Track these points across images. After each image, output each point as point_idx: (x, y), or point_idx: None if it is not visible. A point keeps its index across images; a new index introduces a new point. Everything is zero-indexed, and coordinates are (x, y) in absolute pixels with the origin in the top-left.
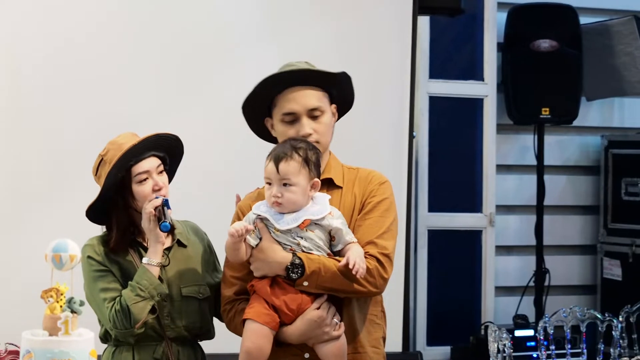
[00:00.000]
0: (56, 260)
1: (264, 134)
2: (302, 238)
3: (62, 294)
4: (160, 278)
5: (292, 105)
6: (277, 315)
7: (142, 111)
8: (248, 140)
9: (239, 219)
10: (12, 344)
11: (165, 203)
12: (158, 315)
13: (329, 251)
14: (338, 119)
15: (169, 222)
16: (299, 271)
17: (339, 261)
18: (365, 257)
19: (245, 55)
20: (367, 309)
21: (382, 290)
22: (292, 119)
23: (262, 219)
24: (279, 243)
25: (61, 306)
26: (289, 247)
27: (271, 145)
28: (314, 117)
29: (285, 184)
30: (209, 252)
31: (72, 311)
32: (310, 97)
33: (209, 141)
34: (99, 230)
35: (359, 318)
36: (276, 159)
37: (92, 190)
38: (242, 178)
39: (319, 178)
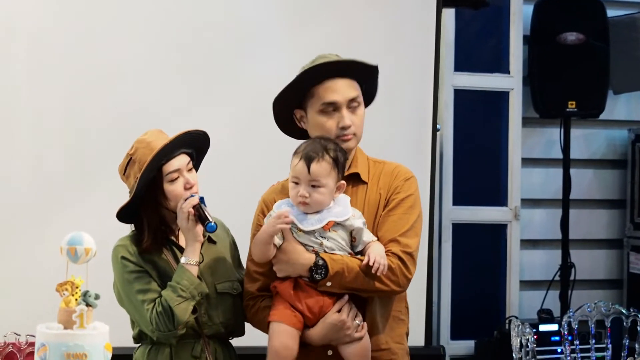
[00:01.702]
0: (71, 253)
1: (288, 127)
2: (324, 238)
3: (77, 287)
4: (198, 277)
5: (334, 96)
6: (302, 316)
7: (163, 108)
8: (271, 135)
9: (263, 213)
10: (33, 336)
11: (202, 201)
12: (197, 314)
13: (350, 251)
14: None
15: (214, 222)
16: (323, 272)
17: (361, 259)
18: (387, 255)
19: (270, 48)
20: (391, 306)
21: (405, 289)
22: (333, 109)
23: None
24: (301, 243)
25: (76, 299)
26: (312, 248)
27: (294, 141)
28: (351, 109)
29: (314, 185)
30: (234, 248)
31: (87, 304)
32: (350, 88)
33: (231, 136)
34: (120, 225)
35: (383, 315)
36: (307, 159)
37: (114, 188)
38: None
39: (343, 178)
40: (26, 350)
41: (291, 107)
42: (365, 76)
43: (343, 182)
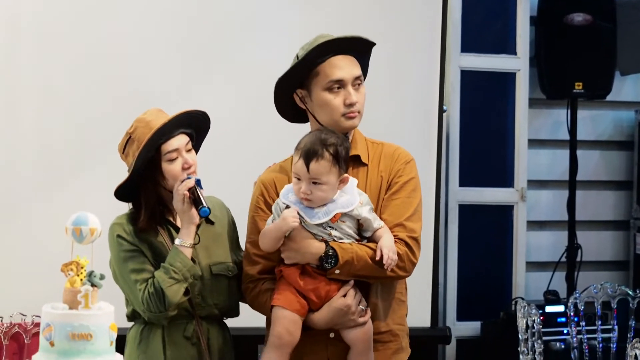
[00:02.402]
0: (76, 233)
1: (285, 108)
2: (333, 228)
3: (82, 268)
4: (192, 259)
5: (341, 73)
6: (306, 302)
7: (166, 87)
8: (272, 116)
9: (262, 195)
10: (39, 316)
11: (198, 183)
12: (190, 295)
13: (358, 237)
14: None
15: (207, 207)
16: (332, 261)
17: (370, 247)
18: (395, 241)
19: (272, 26)
20: (394, 289)
21: (411, 274)
22: (339, 86)
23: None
24: (310, 232)
25: (81, 280)
26: (320, 237)
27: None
28: (356, 86)
29: (315, 183)
30: (233, 229)
31: (92, 285)
32: (355, 66)
33: (232, 118)
34: (120, 204)
35: (386, 298)
36: (306, 157)
37: (115, 166)
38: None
39: (347, 170)
40: (32, 331)
41: (292, 87)
42: (363, 54)
43: (346, 175)
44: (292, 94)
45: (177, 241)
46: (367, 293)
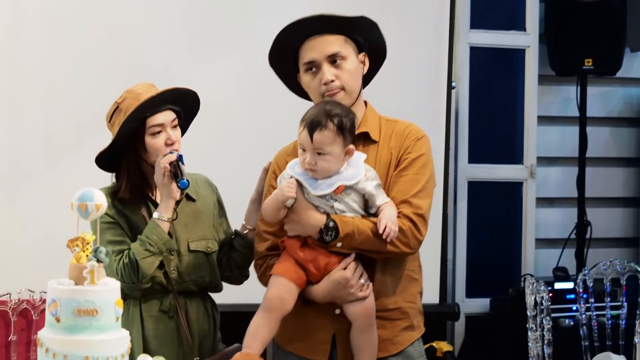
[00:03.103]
0: (82, 209)
1: (294, 87)
2: (336, 201)
3: (88, 244)
4: (169, 233)
5: (311, 54)
6: (305, 274)
7: (164, 62)
8: (271, 94)
9: (275, 174)
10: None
11: (180, 159)
12: (165, 269)
13: (363, 213)
14: (375, 68)
15: (187, 180)
16: (333, 234)
17: (372, 221)
18: (399, 217)
19: (274, 5)
20: (404, 265)
21: (416, 251)
22: (313, 67)
23: (296, 180)
24: (313, 205)
25: (87, 255)
26: (323, 210)
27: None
28: (334, 64)
29: (319, 153)
30: (218, 207)
31: (98, 260)
32: (329, 44)
33: (230, 96)
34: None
35: (395, 275)
36: (310, 127)
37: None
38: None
39: (353, 141)
40: (40, 307)
41: (293, 72)
42: (349, 30)
43: (352, 146)
44: (295, 74)
45: (155, 214)
46: (373, 268)
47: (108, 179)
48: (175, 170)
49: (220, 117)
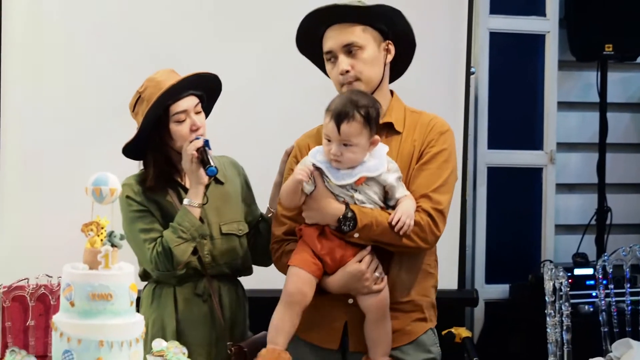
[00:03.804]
0: (96, 193)
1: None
2: (356, 191)
3: (102, 228)
4: (200, 219)
5: (329, 43)
6: (322, 264)
7: (183, 48)
8: (294, 78)
9: (296, 158)
10: None
11: (206, 144)
12: (199, 254)
13: (382, 205)
14: (407, 57)
15: (215, 166)
16: (351, 224)
17: (391, 214)
18: (417, 211)
19: None
20: (421, 259)
21: (433, 246)
22: (332, 57)
23: (318, 168)
24: (333, 194)
25: (101, 240)
26: (342, 199)
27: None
28: (351, 53)
29: (345, 144)
30: (246, 188)
31: (113, 245)
32: (346, 33)
33: (252, 79)
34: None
35: (411, 269)
36: (337, 118)
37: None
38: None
39: (377, 132)
40: (58, 292)
41: (321, 56)
42: (367, 18)
43: (377, 137)
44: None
45: (185, 201)
46: (389, 261)
47: (133, 167)
48: (203, 156)
49: (244, 101)
